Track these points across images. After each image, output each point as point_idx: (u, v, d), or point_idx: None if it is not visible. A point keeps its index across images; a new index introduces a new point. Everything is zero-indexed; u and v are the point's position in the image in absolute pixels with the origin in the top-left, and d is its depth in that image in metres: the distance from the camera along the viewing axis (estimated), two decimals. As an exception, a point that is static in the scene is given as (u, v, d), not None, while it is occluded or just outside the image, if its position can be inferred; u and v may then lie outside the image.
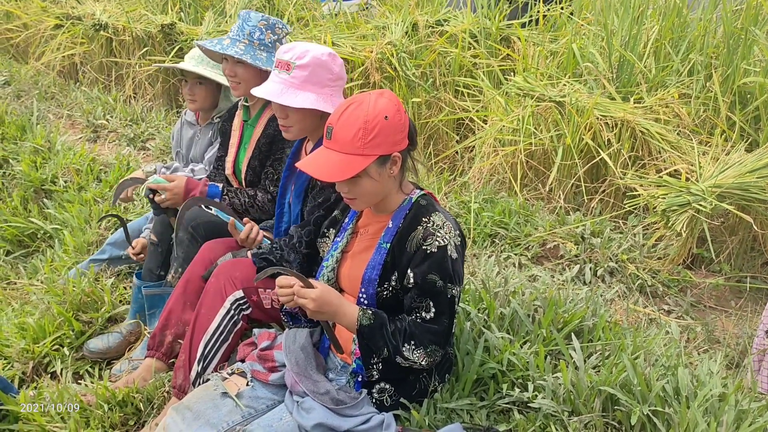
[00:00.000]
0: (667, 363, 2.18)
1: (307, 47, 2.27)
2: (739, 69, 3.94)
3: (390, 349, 1.86)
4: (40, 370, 2.66)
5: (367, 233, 2.02)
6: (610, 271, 3.34)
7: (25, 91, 6.10)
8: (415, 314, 1.88)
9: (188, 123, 3.40)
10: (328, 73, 2.28)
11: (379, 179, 1.86)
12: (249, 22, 2.72)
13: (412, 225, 1.89)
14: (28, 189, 4.13)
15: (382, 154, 1.82)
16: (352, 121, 1.80)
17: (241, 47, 2.68)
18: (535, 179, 4.14)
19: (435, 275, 1.83)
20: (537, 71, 4.43)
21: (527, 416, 2.04)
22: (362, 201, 1.90)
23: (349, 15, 5.71)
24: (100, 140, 5.13)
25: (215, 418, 1.89)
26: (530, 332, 2.38)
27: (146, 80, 5.88)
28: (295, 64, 2.24)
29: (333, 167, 1.81)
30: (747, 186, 3.26)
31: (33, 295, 3.01)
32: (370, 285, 1.92)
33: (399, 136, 1.85)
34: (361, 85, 4.68)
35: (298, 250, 2.24)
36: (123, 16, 5.94)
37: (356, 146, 1.79)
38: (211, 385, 2.00)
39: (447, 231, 1.85)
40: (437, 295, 1.85)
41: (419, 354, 1.86)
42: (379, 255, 1.92)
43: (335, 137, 1.82)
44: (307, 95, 2.24)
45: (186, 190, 2.70)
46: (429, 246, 1.83)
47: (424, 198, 1.96)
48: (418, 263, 1.85)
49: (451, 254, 1.84)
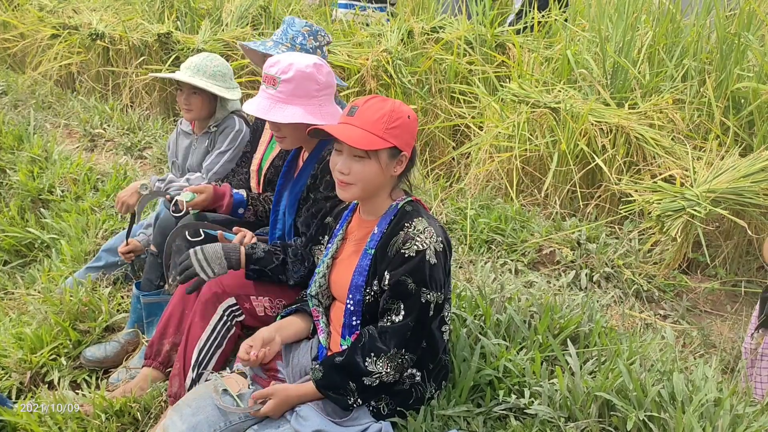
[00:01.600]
0: (662, 368, 2.19)
1: (291, 60, 2.29)
2: (732, 74, 3.96)
3: (351, 377, 1.86)
4: (38, 380, 2.66)
5: (354, 238, 2.04)
6: (606, 277, 3.35)
7: (22, 101, 6.10)
8: (386, 317, 1.88)
9: (184, 132, 3.41)
10: (314, 84, 2.29)
11: (384, 170, 1.89)
12: (293, 27, 2.78)
13: (395, 230, 1.90)
14: (26, 198, 4.13)
15: (398, 145, 1.87)
16: (378, 107, 1.86)
17: (284, 49, 2.72)
18: (530, 185, 4.15)
19: (407, 277, 1.84)
20: (532, 77, 4.45)
21: (524, 423, 2.05)
22: (358, 188, 1.90)
23: (345, 23, 5.73)
24: (97, 149, 5.13)
25: (214, 416, 1.89)
26: (526, 338, 2.39)
27: (143, 89, 5.89)
28: (280, 79, 2.26)
29: (356, 135, 1.83)
30: (741, 191, 3.28)
31: (30, 305, 3.02)
32: (357, 291, 1.93)
33: (411, 140, 1.91)
34: (357, 92, 4.69)
35: (304, 265, 2.26)
36: (119, 26, 5.96)
37: (379, 128, 1.84)
38: (210, 384, 2.00)
39: (428, 236, 1.86)
40: (408, 298, 1.85)
41: (382, 363, 1.85)
42: (365, 260, 1.94)
43: (359, 115, 1.86)
44: (295, 109, 2.26)
45: (216, 194, 2.73)
46: (407, 250, 1.85)
47: (410, 204, 1.98)
48: (395, 266, 1.86)
49: (429, 259, 1.84)
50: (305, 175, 2.43)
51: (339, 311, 2.06)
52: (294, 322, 2.15)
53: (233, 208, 2.75)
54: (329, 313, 2.14)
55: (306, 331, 2.16)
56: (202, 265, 2.14)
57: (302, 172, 2.45)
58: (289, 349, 2.11)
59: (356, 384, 1.86)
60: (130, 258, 3.08)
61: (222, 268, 2.17)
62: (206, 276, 2.16)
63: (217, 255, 2.17)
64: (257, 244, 2.28)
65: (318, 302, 2.11)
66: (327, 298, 2.13)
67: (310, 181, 2.40)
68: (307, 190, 2.41)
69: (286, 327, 2.12)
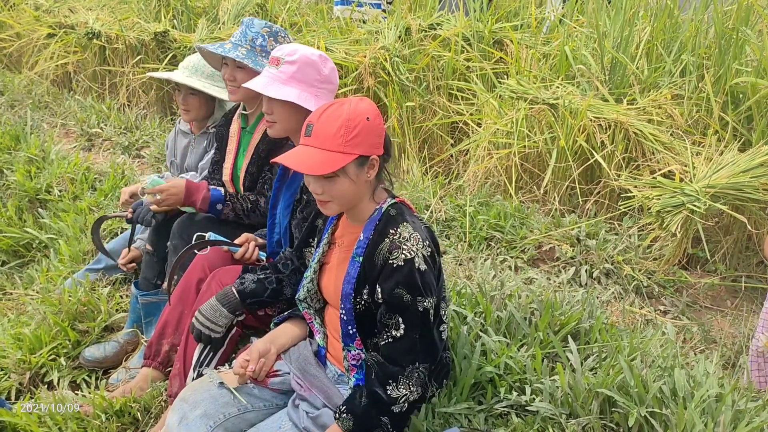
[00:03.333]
0: (663, 364, 2.18)
1: (298, 46, 2.29)
2: (731, 69, 3.96)
3: (382, 413, 1.80)
4: (37, 380, 2.65)
5: (343, 245, 1.99)
6: (605, 273, 3.35)
7: (18, 101, 6.09)
8: (386, 333, 1.82)
9: (182, 132, 3.39)
10: (316, 73, 2.28)
11: (356, 181, 1.82)
12: (252, 28, 2.71)
13: (380, 237, 1.84)
14: (23, 199, 4.12)
15: (362, 154, 1.79)
16: (334, 119, 1.78)
17: (243, 52, 2.68)
18: (529, 182, 4.15)
19: (401, 289, 1.77)
20: (530, 74, 4.44)
21: (525, 420, 2.04)
22: (336, 204, 1.85)
23: (342, 20, 5.72)
24: (95, 149, 5.12)
25: (212, 409, 1.88)
26: (527, 335, 2.38)
27: (140, 88, 5.88)
28: (284, 59, 2.25)
29: (314, 161, 1.76)
30: (740, 186, 3.27)
31: (29, 306, 3.01)
32: (347, 300, 1.88)
33: (377, 140, 1.83)
34: (355, 90, 4.68)
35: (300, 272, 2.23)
36: (116, 25, 5.94)
37: (337, 143, 1.76)
38: (207, 378, 1.99)
39: (414, 243, 1.79)
40: (405, 310, 1.79)
41: (403, 385, 1.80)
42: (353, 269, 1.88)
43: (315, 134, 1.79)
44: (291, 90, 2.24)
45: (187, 190, 2.68)
46: (395, 260, 1.78)
47: (394, 207, 1.91)
48: (386, 278, 1.80)
49: (419, 266, 1.78)
50: (299, 176, 2.41)
51: (333, 315, 2.03)
52: (288, 329, 2.13)
53: (211, 204, 2.69)
54: (323, 315, 2.12)
55: (301, 336, 2.14)
56: (208, 326, 2.12)
57: (296, 173, 2.43)
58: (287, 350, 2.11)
59: (389, 416, 1.80)
60: (132, 268, 3.07)
61: (226, 317, 2.14)
62: (219, 333, 2.13)
63: (214, 309, 2.13)
64: (245, 277, 2.21)
65: (308, 305, 2.08)
66: (317, 302, 2.09)
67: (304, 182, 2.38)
68: (302, 191, 2.39)
69: (279, 336, 2.10)
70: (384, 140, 1.88)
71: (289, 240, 2.45)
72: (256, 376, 1.96)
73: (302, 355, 2.07)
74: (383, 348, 1.82)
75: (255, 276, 2.21)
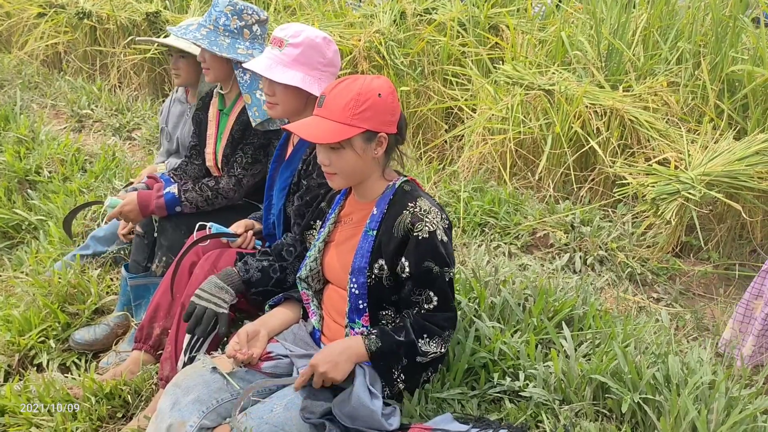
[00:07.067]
0: (657, 351, 2.18)
1: (302, 28, 2.25)
2: (727, 57, 3.95)
3: (407, 355, 1.87)
4: (26, 362, 2.63)
5: (351, 221, 2.01)
6: (599, 260, 3.35)
7: (8, 81, 6.01)
8: (417, 308, 1.89)
9: (178, 100, 3.41)
10: (320, 56, 2.25)
11: (362, 156, 1.85)
12: (216, 7, 2.65)
13: (397, 210, 1.88)
14: (12, 180, 4.06)
15: (370, 128, 1.82)
16: (346, 92, 1.82)
17: (204, 32, 2.62)
18: (524, 168, 4.13)
19: (430, 262, 1.84)
20: (526, 60, 4.42)
21: (518, 405, 2.04)
22: (342, 177, 1.89)
23: (337, 3, 5.66)
24: (85, 130, 5.07)
25: (205, 395, 1.87)
26: (521, 321, 2.38)
27: (131, 69, 5.81)
28: (288, 41, 2.22)
29: (320, 130, 1.81)
30: (735, 174, 3.27)
31: (18, 287, 2.98)
32: (360, 274, 1.90)
33: (389, 117, 1.86)
34: (350, 73, 4.64)
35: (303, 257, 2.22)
36: (107, 4, 5.86)
37: (345, 115, 1.80)
38: (200, 363, 1.98)
39: (434, 216, 1.86)
40: (434, 282, 1.86)
41: (436, 343, 1.89)
42: (366, 242, 1.91)
43: (326, 105, 1.84)
44: (294, 73, 2.21)
45: (140, 204, 2.64)
46: (419, 232, 1.83)
47: (408, 184, 1.96)
48: (411, 251, 1.85)
49: (441, 238, 1.85)
50: (296, 159, 2.39)
51: (334, 294, 2.04)
52: (280, 312, 2.13)
53: (168, 209, 2.65)
54: (321, 296, 2.12)
55: (294, 320, 2.13)
56: (213, 301, 2.10)
57: (293, 156, 2.40)
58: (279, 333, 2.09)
59: (408, 360, 1.88)
60: (131, 239, 3.04)
61: (229, 293, 2.14)
62: (224, 308, 2.12)
63: (218, 286, 2.13)
64: (249, 265, 2.21)
65: (308, 285, 2.09)
66: (318, 282, 2.11)
67: (303, 166, 2.35)
68: (299, 175, 2.36)
69: (270, 319, 2.10)
70: (398, 120, 1.90)
71: (282, 223, 2.43)
72: (248, 360, 1.95)
73: (297, 335, 2.07)
74: (423, 315, 1.89)
75: (258, 263, 2.21)
